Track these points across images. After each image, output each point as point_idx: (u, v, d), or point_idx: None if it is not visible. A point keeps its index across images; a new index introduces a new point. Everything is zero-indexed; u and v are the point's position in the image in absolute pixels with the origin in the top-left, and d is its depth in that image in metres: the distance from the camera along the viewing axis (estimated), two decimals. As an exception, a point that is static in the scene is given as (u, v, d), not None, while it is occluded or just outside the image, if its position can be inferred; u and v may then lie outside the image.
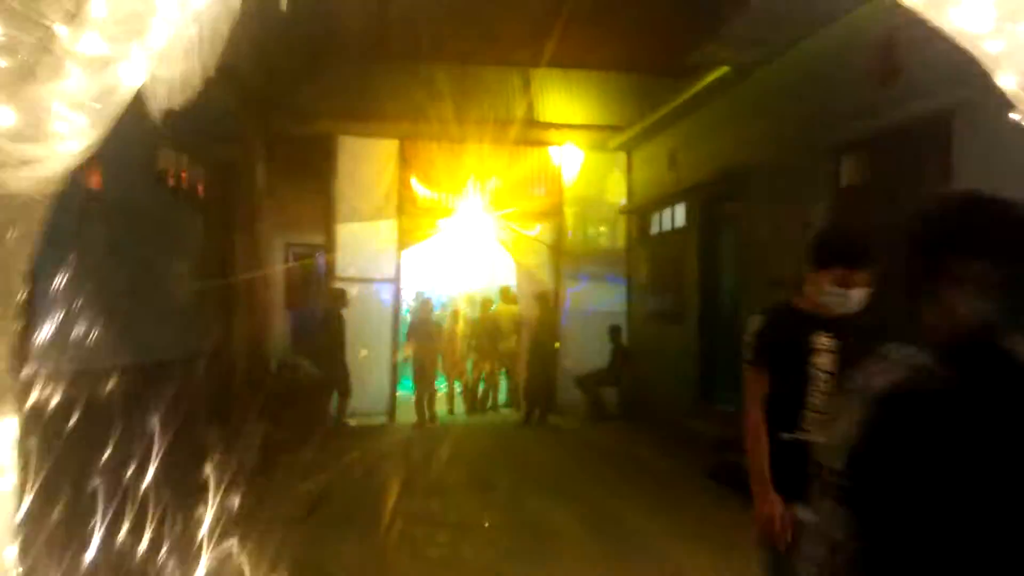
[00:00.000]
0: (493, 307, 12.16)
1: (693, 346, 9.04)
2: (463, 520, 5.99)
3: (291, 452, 8.55)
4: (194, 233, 6.96)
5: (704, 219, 9.00)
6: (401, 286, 11.29)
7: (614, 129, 11.23)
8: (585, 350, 11.46)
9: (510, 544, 5.44)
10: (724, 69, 7.81)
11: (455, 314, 12.33)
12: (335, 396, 10.07)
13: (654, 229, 10.58)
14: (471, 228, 11.82)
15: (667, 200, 9.84)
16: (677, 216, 9.76)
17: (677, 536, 5.56)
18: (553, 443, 9.45)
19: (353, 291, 10.67)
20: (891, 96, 5.71)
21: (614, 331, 11.13)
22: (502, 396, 12.57)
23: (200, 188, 6.81)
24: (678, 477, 7.36)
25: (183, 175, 6.34)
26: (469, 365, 12.10)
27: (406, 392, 11.59)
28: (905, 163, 5.70)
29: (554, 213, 11.53)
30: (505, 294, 12.20)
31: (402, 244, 11.18)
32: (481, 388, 11.88)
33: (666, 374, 9.83)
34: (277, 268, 13.00)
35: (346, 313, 10.13)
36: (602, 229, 11.75)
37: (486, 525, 5.85)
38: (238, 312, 8.89)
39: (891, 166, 5.86)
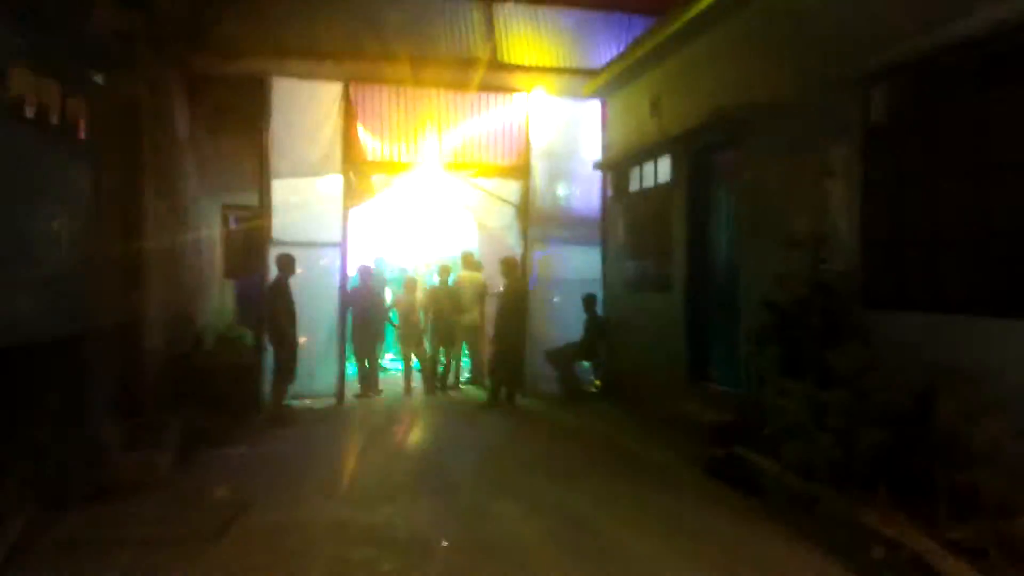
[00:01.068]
0: (454, 275, 10.94)
1: (681, 317, 7.93)
2: (415, 535, 4.83)
3: (216, 444, 7.32)
4: (76, 184, 5.56)
5: (693, 172, 7.83)
6: (347, 250, 9.95)
7: (587, 73, 9.98)
8: (556, 322, 10.34)
9: (471, 569, 4.30)
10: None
11: (411, 283, 11.06)
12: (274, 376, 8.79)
13: (633, 186, 9.40)
14: (427, 185, 10.51)
15: (649, 152, 8.65)
16: (661, 170, 8.59)
17: (671, 556, 4.46)
18: (523, 429, 8.31)
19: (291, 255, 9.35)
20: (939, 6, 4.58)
21: (588, 300, 10.00)
22: (464, 373, 11.41)
23: (82, 127, 5.40)
24: (669, 472, 6.27)
25: (53, 107, 4.93)
26: (427, 339, 10.89)
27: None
28: (963, 94, 4.58)
29: (521, 169, 10.27)
30: (467, 260, 10.96)
31: (348, 203, 9.83)
32: (441, 365, 10.68)
33: (649, 349, 8.73)
34: (208, 231, 11.61)
35: (293, 281, 8.83)
36: (574, 187, 10.52)
37: (444, 544, 4.69)
38: (151, 282, 7.50)
39: (942, 98, 4.74)
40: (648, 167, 8.90)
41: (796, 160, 6.01)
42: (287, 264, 8.64)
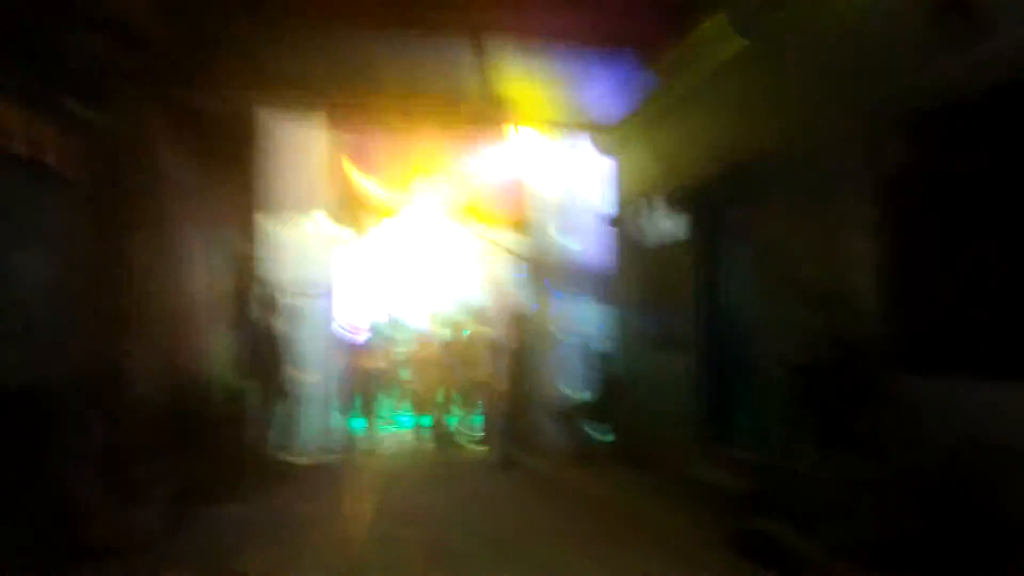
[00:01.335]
0: (467, 330, 10.64)
1: (696, 377, 7.59)
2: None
3: (209, 502, 6.97)
4: (49, 221, 5.36)
5: (706, 227, 7.60)
6: (340, 293, 9.68)
7: (592, 120, 9.81)
8: (566, 379, 10.01)
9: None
10: (736, 44, 6.45)
11: (423, 338, 10.79)
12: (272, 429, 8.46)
13: (646, 241, 9.15)
14: (426, 232, 10.31)
15: (660, 208, 8.42)
16: (673, 226, 8.34)
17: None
18: (533, 492, 7.90)
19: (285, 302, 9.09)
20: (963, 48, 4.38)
21: (601, 358, 9.67)
22: (477, 431, 11.03)
23: (53, 160, 5.21)
24: (689, 544, 5.85)
25: (16, 136, 4.74)
26: (440, 396, 10.55)
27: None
28: (987, 138, 4.35)
29: (525, 219, 10.07)
30: (478, 314, 10.69)
31: (343, 245, 9.61)
32: (453, 423, 10.31)
33: (664, 410, 8.36)
34: (208, 275, 11.37)
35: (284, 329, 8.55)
36: (586, 240, 10.28)
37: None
38: (139, 328, 7.22)
39: (966, 143, 4.51)
40: (660, 223, 8.66)
41: (811, 213, 5.76)
42: (277, 310, 8.38)
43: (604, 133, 9.51)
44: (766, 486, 6.16)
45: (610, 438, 9.65)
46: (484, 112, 9.51)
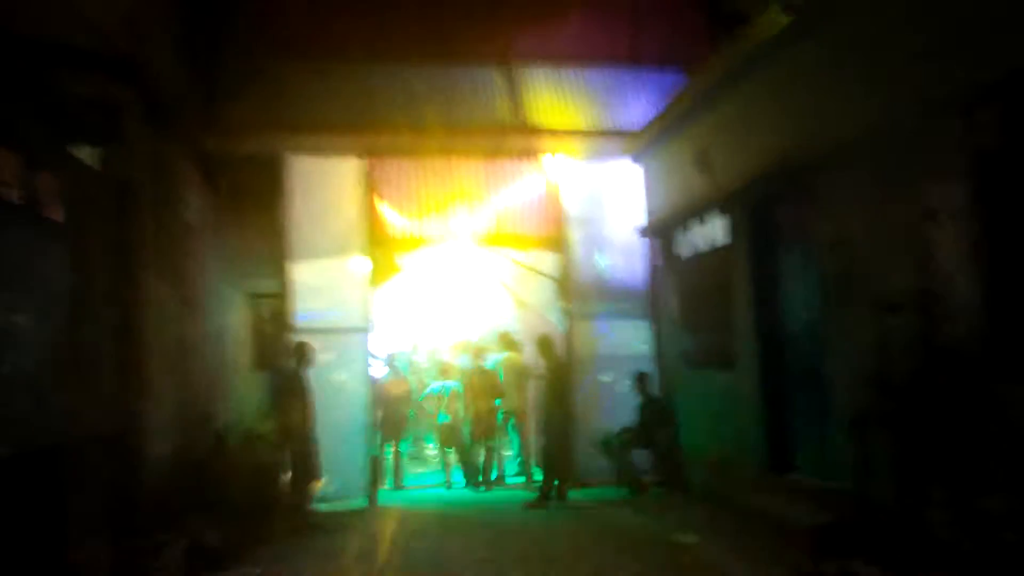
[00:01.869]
0: (495, 358, 9.99)
1: (754, 397, 6.87)
2: None
3: (223, 566, 6.35)
4: (48, 272, 4.84)
5: (755, 230, 6.92)
6: (374, 335, 9.13)
7: (620, 134, 9.24)
8: (606, 404, 9.31)
9: None
10: (780, 21, 5.82)
11: (445, 368, 10.16)
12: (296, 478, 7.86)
13: (684, 251, 8.50)
14: (457, 261, 9.74)
15: (699, 212, 7.78)
16: (715, 231, 7.69)
17: None
18: (579, 532, 7.15)
19: (315, 343, 8.56)
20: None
21: (641, 379, 8.96)
22: (510, 465, 10.33)
23: (54, 207, 4.71)
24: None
25: (13, 183, 4.24)
26: (466, 430, 9.89)
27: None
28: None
29: (557, 239, 9.45)
30: (505, 340, 10.06)
31: (373, 284, 9.06)
32: (482, 458, 9.62)
33: (716, 433, 7.65)
34: (233, 321, 10.93)
35: (312, 373, 7.98)
36: (616, 256, 9.64)
37: None
38: (153, 382, 6.71)
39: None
40: (700, 230, 8.01)
41: (888, 206, 5.07)
42: (304, 353, 7.82)
43: (634, 138, 8.89)
44: (841, 517, 5.43)
45: (658, 466, 8.92)
46: (515, 135, 9.06)
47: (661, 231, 8.74)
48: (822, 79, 5.82)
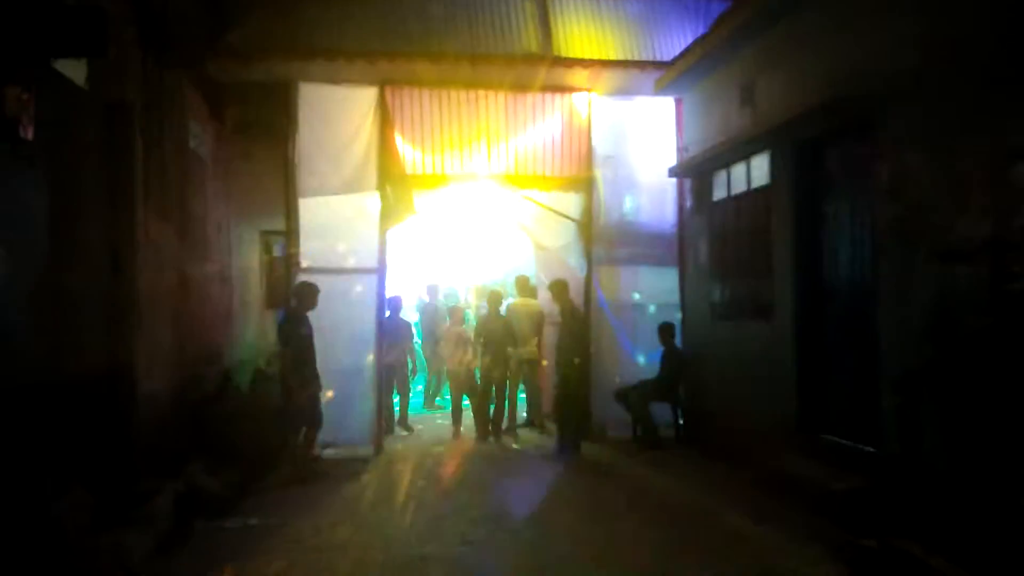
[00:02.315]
0: (507, 301, 9.56)
1: (788, 352, 6.37)
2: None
3: (220, 513, 6.04)
4: (19, 199, 4.39)
5: (802, 170, 6.31)
6: (385, 276, 8.67)
7: (656, 67, 8.55)
8: (626, 355, 8.87)
9: None
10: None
11: (457, 312, 9.74)
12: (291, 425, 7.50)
13: (719, 193, 7.91)
14: (475, 201, 9.21)
15: (740, 150, 7.15)
16: (756, 171, 7.08)
17: None
18: (595, 490, 6.77)
19: (324, 284, 8.13)
20: None
21: (665, 330, 8.48)
22: (521, 414, 9.97)
23: (26, 127, 4.22)
24: (798, 566, 4.66)
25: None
26: (477, 375, 9.52)
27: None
28: None
29: (582, 180, 8.88)
30: (522, 285, 9.59)
31: (385, 223, 8.57)
32: (493, 406, 9.25)
33: (743, 389, 7.18)
34: (243, 258, 10.56)
35: (315, 315, 7.55)
36: (644, 198, 9.06)
37: None
38: (146, 319, 6.32)
39: None
40: (738, 169, 7.41)
41: (961, 144, 4.46)
42: (307, 295, 7.36)
43: (670, 70, 8.21)
44: (879, 483, 4.98)
45: (679, 421, 8.50)
46: (542, 66, 8.40)
47: (695, 171, 8.12)
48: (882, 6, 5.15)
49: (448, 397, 10.08)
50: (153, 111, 6.76)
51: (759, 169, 6.97)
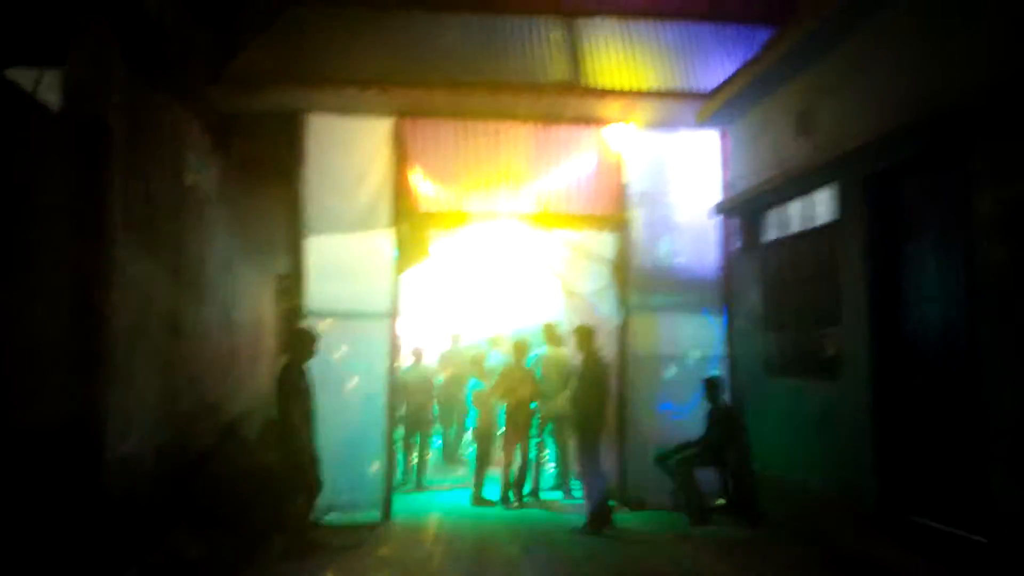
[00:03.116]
0: (536, 353, 8.69)
1: (861, 416, 5.44)
2: None
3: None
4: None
5: (876, 204, 5.46)
6: (399, 323, 7.89)
7: (695, 98, 7.81)
8: (664, 414, 7.94)
9: None
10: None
11: (478, 363, 8.89)
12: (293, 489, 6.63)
13: (771, 232, 7.07)
14: (498, 242, 8.43)
15: (796, 185, 6.34)
16: (817, 208, 6.24)
17: None
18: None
19: (331, 330, 7.37)
20: None
21: (711, 385, 7.53)
22: (547, 477, 9.02)
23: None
24: None
25: None
26: (498, 434, 8.63)
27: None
28: None
29: (615, 219, 8.08)
30: (550, 334, 8.74)
31: (400, 265, 7.81)
32: (515, 470, 8.32)
33: (808, 457, 6.22)
34: (252, 303, 9.82)
35: (318, 365, 6.74)
36: (683, 240, 8.23)
37: None
38: (121, 368, 5.56)
39: None
40: (796, 206, 6.57)
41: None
42: (303, 343, 6.56)
43: (711, 100, 7.46)
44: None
45: (729, 489, 7.50)
46: (572, 97, 7.69)
47: (742, 209, 7.30)
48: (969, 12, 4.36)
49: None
50: (141, 137, 6.12)
51: (822, 205, 6.13)
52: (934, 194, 4.98)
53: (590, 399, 7.15)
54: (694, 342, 8.00)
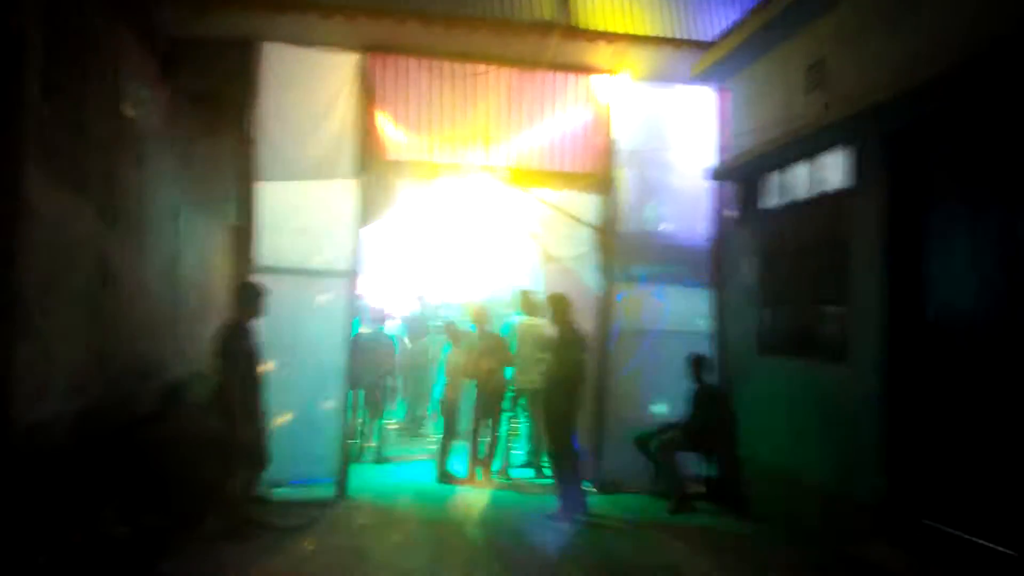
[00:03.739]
0: (511, 322, 8.05)
1: (870, 404, 4.88)
2: None
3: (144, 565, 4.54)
4: None
5: (901, 167, 4.84)
6: (360, 282, 7.18)
7: (695, 47, 7.11)
8: (647, 391, 7.37)
9: None
10: None
11: (453, 332, 8.23)
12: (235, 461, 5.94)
13: (772, 199, 6.46)
14: (471, 197, 7.72)
15: (803, 146, 5.69)
16: (827, 172, 5.62)
17: None
18: (614, 566, 5.25)
19: (284, 287, 6.65)
20: None
21: (697, 363, 6.97)
22: (518, 455, 8.44)
23: None
24: None
25: None
26: (466, 407, 8.01)
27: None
28: None
29: (601, 179, 7.40)
30: (527, 302, 8.10)
31: (363, 217, 7.08)
32: (483, 446, 7.73)
33: (805, 446, 5.67)
34: (201, 252, 9.00)
35: (265, 324, 6.03)
36: (675, 205, 7.60)
37: None
38: (34, 321, 4.81)
39: None
40: (800, 170, 5.95)
41: None
42: (250, 298, 5.85)
43: (713, 51, 6.77)
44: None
45: (713, 474, 6.98)
46: (558, 38, 6.91)
47: (741, 172, 6.66)
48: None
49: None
50: (66, 54, 5.28)
51: (832, 168, 5.50)
52: (967, 157, 4.37)
53: (563, 374, 6.49)
54: (681, 315, 7.40)
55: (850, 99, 5.13)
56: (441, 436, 7.88)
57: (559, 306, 6.63)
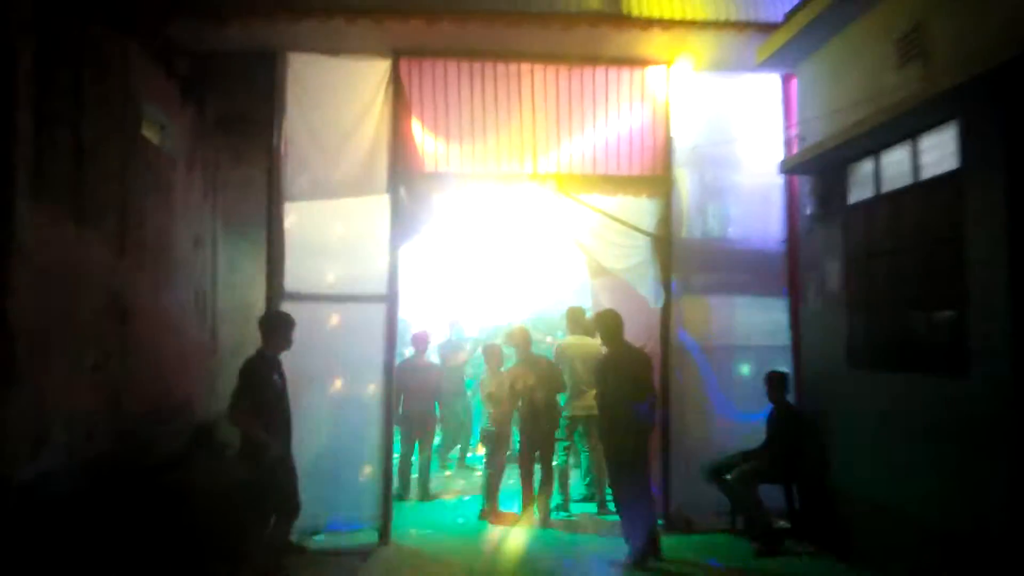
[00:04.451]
0: (554, 340, 7.35)
1: (1002, 426, 4.05)
2: None
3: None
4: None
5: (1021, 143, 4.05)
6: (398, 307, 6.58)
7: (760, 29, 6.38)
8: (719, 415, 6.59)
9: None
10: None
11: (494, 354, 7.53)
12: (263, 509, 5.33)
13: (860, 192, 5.67)
14: (514, 207, 7.05)
15: (899, 126, 4.91)
16: (931, 154, 4.84)
17: None
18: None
19: (314, 315, 6.09)
20: None
21: (775, 381, 6.19)
22: (577, 487, 7.68)
23: None
24: None
25: None
26: (515, 438, 7.32)
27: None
28: None
29: (658, 182, 6.71)
30: (576, 319, 7.42)
31: (398, 237, 6.49)
32: (538, 479, 6.99)
33: (910, 475, 4.84)
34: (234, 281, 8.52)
35: (290, 358, 5.44)
36: (741, 207, 6.86)
37: None
38: (25, 363, 4.31)
39: None
40: (896, 155, 5.17)
41: None
42: (276, 330, 5.27)
43: (782, 32, 6.06)
44: None
45: (794, 508, 6.15)
46: (608, 30, 6.26)
47: (818, 164, 5.88)
48: None
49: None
50: (64, 77, 4.84)
51: (938, 150, 4.72)
52: None
53: (620, 405, 5.71)
54: (754, 329, 6.64)
55: (957, 66, 4.35)
56: (488, 471, 7.18)
57: (608, 325, 5.87)
